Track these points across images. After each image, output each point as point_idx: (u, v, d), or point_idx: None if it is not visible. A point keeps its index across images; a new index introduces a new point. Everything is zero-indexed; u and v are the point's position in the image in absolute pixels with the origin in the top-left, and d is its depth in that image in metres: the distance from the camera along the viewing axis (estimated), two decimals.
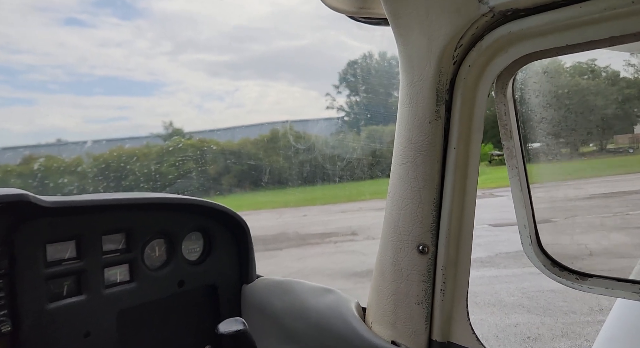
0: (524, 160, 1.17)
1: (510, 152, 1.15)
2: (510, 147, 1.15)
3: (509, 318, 5.43)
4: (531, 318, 5.38)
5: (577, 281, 1.11)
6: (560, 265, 1.15)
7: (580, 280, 1.11)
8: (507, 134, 1.14)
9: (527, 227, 1.17)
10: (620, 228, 8.54)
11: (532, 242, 1.17)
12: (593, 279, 1.09)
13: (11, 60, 33.01)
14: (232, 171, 15.57)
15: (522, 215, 1.17)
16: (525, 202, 1.16)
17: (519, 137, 1.16)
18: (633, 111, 7.38)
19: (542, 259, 1.17)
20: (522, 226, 1.17)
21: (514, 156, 1.15)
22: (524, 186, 1.16)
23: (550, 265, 1.16)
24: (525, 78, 1.30)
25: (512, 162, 1.15)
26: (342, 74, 26.99)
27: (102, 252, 1.46)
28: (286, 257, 9.65)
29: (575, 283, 1.11)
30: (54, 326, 1.34)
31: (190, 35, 46.36)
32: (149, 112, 31.93)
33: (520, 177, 1.15)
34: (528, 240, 1.17)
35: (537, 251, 1.17)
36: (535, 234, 1.18)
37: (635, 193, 10.36)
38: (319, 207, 17.23)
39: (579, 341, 4.70)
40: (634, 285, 1.02)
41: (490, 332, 5.12)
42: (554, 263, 1.16)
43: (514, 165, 1.15)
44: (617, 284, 1.05)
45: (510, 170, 1.16)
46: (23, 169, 10.18)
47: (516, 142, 1.15)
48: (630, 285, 1.03)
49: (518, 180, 1.15)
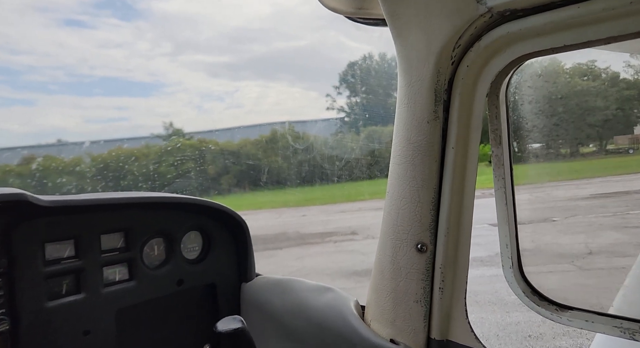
0: (512, 171, 1.13)
1: (498, 160, 1.12)
2: (499, 154, 1.12)
3: (510, 317, 5.44)
4: (532, 316, 5.38)
5: (556, 312, 1.08)
6: (540, 294, 1.12)
7: (560, 311, 1.08)
8: (496, 139, 1.12)
9: (509, 248, 1.13)
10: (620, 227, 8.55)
11: (512, 265, 1.13)
12: (572, 311, 1.07)
13: (11, 61, 32.98)
14: (231, 171, 15.58)
15: (504, 232, 1.13)
16: (509, 218, 1.12)
17: (509, 145, 1.13)
18: (633, 112, 7.38)
19: (522, 286, 1.13)
20: (504, 245, 1.13)
21: (502, 165, 1.11)
22: (509, 200, 1.12)
23: (530, 293, 1.13)
24: (520, 81, 1.29)
25: (499, 171, 1.12)
26: (342, 75, 27.00)
27: (101, 251, 1.46)
28: (286, 257, 9.65)
29: (554, 314, 1.08)
30: (52, 324, 1.34)
31: (190, 36, 46.34)
32: (148, 112, 31.93)
33: (506, 189, 1.12)
34: (509, 262, 1.13)
35: (518, 277, 1.14)
36: (517, 257, 1.14)
37: (635, 193, 10.37)
38: (318, 207, 17.23)
39: (580, 340, 4.71)
40: (614, 320, 1.00)
41: (491, 331, 5.12)
42: (534, 291, 1.13)
43: (500, 176, 1.12)
44: (597, 318, 1.02)
45: (496, 181, 1.12)
46: (22, 169, 10.17)
47: (505, 150, 1.12)
48: (611, 319, 1.00)
49: (504, 192, 1.12)
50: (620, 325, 0.98)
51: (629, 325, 0.97)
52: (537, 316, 1.10)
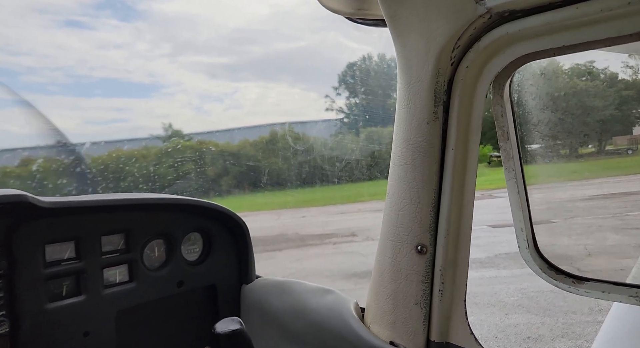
0: (521, 162, 1.16)
1: (507, 153, 1.15)
2: (508, 148, 1.15)
3: (509, 319, 5.43)
4: (531, 318, 5.38)
5: (573, 285, 1.11)
6: (557, 268, 1.15)
7: (577, 283, 1.10)
8: (504, 135, 1.14)
9: (524, 231, 1.16)
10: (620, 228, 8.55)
11: (528, 246, 1.17)
12: (590, 283, 1.09)
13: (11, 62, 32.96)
14: (231, 172, 15.57)
15: (518, 218, 1.16)
16: (522, 204, 1.16)
17: (517, 139, 1.16)
18: (631, 112, 7.39)
19: (539, 263, 1.16)
20: (519, 229, 1.17)
21: (511, 158, 1.15)
22: (520, 188, 1.16)
23: (547, 269, 1.16)
24: (522, 80, 1.30)
25: (509, 164, 1.15)
26: (341, 76, 27.02)
27: (101, 252, 1.46)
28: (285, 258, 9.65)
29: (571, 287, 1.11)
30: (53, 326, 1.34)
31: (190, 37, 46.37)
32: (148, 113, 31.91)
33: (517, 179, 1.15)
34: (525, 243, 1.17)
35: (534, 254, 1.17)
36: (532, 237, 1.18)
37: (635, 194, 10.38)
38: (317, 208, 17.24)
39: (579, 341, 4.70)
40: (631, 289, 1.02)
41: (490, 333, 5.12)
42: (551, 266, 1.16)
43: (510, 167, 1.15)
44: (613, 288, 1.04)
45: (507, 172, 1.16)
46: (22, 170, 10.17)
47: (513, 144, 1.15)
48: (627, 288, 1.02)
49: (515, 182, 1.15)
50: (636, 294, 1.01)
51: None
52: (536, 318, 1.10)
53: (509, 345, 4.82)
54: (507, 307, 5.80)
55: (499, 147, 1.16)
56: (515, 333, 5.06)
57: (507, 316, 5.52)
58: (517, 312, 5.62)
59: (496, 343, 4.85)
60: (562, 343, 4.72)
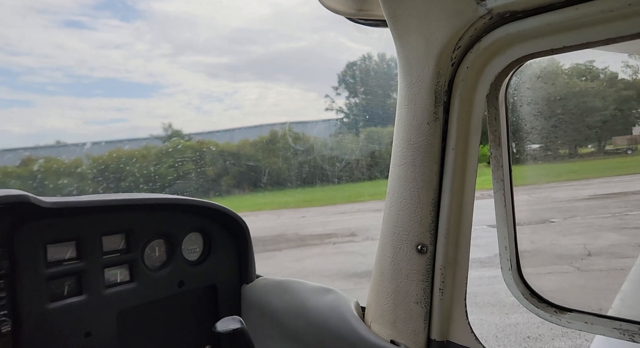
0: (511, 172, 1.13)
1: (497, 161, 1.12)
2: (498, 156, 1.12)
3: (509, 318, 5.44)
4: (531, 318, 5.38)
5: (555, 314, 1.09)
6: (539, 296, 1.13)
7: (559, 313, 1.09)
8: (495, 141, 1.12)
9: (508, 250, 1.13)
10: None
11: (511, 267, 1.14)
12: (572, 313, 1.07)
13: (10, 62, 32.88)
14: (231, 172, 15.56)
15: (503, 234, 1.13)
16: (507, 220, 1.13)
17: (508, 146, 1.14)
18: (631, 112, 7.39)
19: (521, 288, 1.14)
20: (503, 248, 1.14)
21: (501, 166, 1.12)
22: (508, 202, 1.13)
23: (529, 295, 1.13)
24: (520, 83, 1.30)
25: (497, 173, 1.12)
26: (341, 76, 26.98)
27: (102, 252, 1.47)
28: (285, 258, 9.65)
29: (553, 317, 1.09)
30: (54, 326, 1.35)
31: (190, 37, 46.29)
32: (148, 113, 31.83)
33: (505, 191, 1.12)
34: (508, 264, 1.14)
35: (517, 279, 1.14)
36: (515, 258, 1.15)
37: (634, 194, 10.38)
38: (317, 208, 17.23)
39: (579, 341, 4.71)
40: (614, 322, 1.01)
41: (490, 332, 5.12)
42: (533, 293, 1.14)
43: (499, 177, 1.12)
44: (596, 320, 1.03)
45: (495, 182, 1.13)
46: (22, 171, 10.17)
47: (504, 151, 1.12)
48: (610, 321, 1.01)
49: (502, 194, 1.12)
50: (620, 327, 0.99)
51: (628, 326, 0.98)
52: (536, 317, 1.10)
53: (509, 344, 4.82)
54: (507, 306, 5.80)
55: None
56: (515, 332, 5.06)
57: (507, 316, 5.53)
58: (517, 311, 5.62)
59: (496, 343, 4.86)
60: (562, 342, 4.73)
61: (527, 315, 5.45)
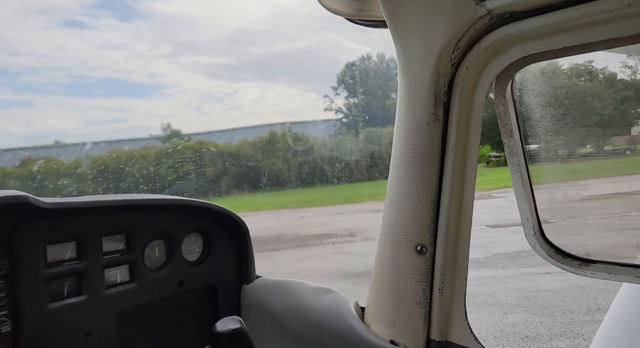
0: (525, 157, 1.18)
1: (511, 149, 1.16)
2: (511, 145, 1.16)
3: (507, 318, 5.45)
4: (529, 317, 5.39)
5: (580, 267, 1.13)
6: (564, 252, 1.17)
7: (584, 266, 1.12)
8: (507, 132, 1.15)
9: (530, 220, 1.18)
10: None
11: (535, 233, 1.18)
12: (596, 265, 1.10)
13: (10, 63, 32.86)
14: (230, 173, 15.57)
15: (524, 208, 1.18)
16: (527, 196, 1.17)
17: (520, 136, 1.17)
18: (630, 112, 7.40)
19: (546, 248, 1.18)
20: (525, 219, 1.18)
21: (515, 154, 1.16)
22: (525, 182, 1.17)
23: (553, 253, 1.17)
24: (524, 79, 1.32)
25: (513, 159, 1.17)
26: (340, 76, 26.99)
27: (102, 253, 1.47)
28: (284, 258, 9.65)
29: (578, 269, 1.13)
30: (54, 326, 1.35)
31: (190, 38, 46.31)
32: (148, 114, 31.84)
33: (522, 173, 1.17)
34: (531, 231, 1.19)
35: (541, 241, 1.19)
36: (538, 226, 1.19)
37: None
38: (317, 209, 17.24)
39: (577, 340, 4.72)
40: (637, 270, 1.03)
41: (488, 332, 5.13)
42: (557, 251, 1.17)
43: (515, 163, 1.17)
44: (620, 269, 1.06)
45: (511, 167, 1.17)
46: (22, 171, 10.16)
47: (517, 140, 1.16)
48: (633, 269, 1.04)
49: (520, 176, 1.17)
50: None
51: None
52: (534, 317, 1.11)
53: (507, 344, 4.83)
54: (505, 306, 5.81)
55: (497, 147, 1.17)
56: (514, 332, 5.07)
57: (506, 315, 5.54)
58: (515, 311, 5.63)
59: (495, 343, 4.86)
60: (560, 342, 4.73)
61: (525, 315, 5.46)
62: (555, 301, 5.80)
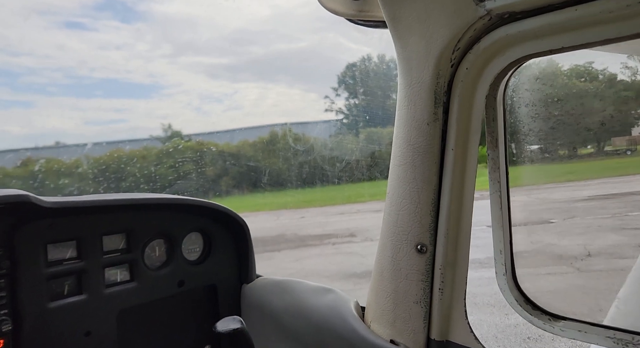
0: (507, 174, 1.13)
1: (494, 163, 1.12)
2: (495, 157, 1.12)
3: (509, 319, 5.44)
4: None
5: (549, 322, 1.09)
6: (533, 303, 1.13)
7: (553, 321, 1.09)
8: (493, 142, 1.12)
9: (503, 254, 1.13)
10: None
11: (506, 272, 1.13)
12: (566, 322, 1.07)
13: (11, 63, 32.87)
14: (230, 173, 15.56)
15: (499, 238, 1.13)
16: (503, 223, 1.13)
17: (505, 148, 1.14)
18: (630, 113, 7.40)
19: (516, 294, 1.14)
20: (498, 251, 1.13)
21: (497, 168, 1.12)
22: (504, 204, 1.12)
23: (523, 302, 1.13)
24: (518, 84, 1.29)
25: (494, 175, 1.12)
26: (340, 77, 26.97)
27: (102, 252, 1.47)
28: (284, 258, 9.65)
29: (546, 324, 1.09)
30: (54, 325, 1.35)
31: (190, 38, 46.28)
32: (148, 114, 31.84)
33: (501, 193, 1.12)
34: (502, 269, 1.13)
35: (511, 284, 1.14)
36: (510, 263, 1.15)
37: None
38: (317, 209, 17.23)
39: (578, 341, 4.70)
40: (608, 330, 1.00)
41: (489, 333, 5.12)
42: (527, 300, 1.13)
43: (496, 179, 1.12)
44: (590, 328, 1.03)
45: (491, 184, 1.13)
46: (23, 171, 10.18)
47: (501, 153, 1.13)
48: (604, 330, 1.01)
49: (499, 196, 1.12)
50: (614, 336, 0.99)
51: (622, 335, 0.98)
52: None
53: (509, 345, 4.82)
54: (506, 307, 5.78)
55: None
56: (515, 333, 5.06)
57: (507, 316, 5.53)
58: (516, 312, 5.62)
59: (496, 344, 4.86)
60: (562, 343, 4.73)
61: None
62: (557, 302, 5.79)
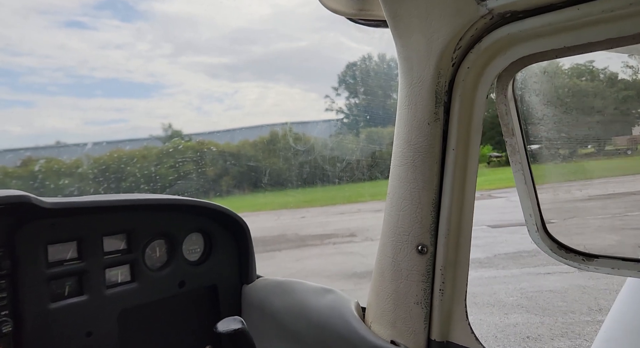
0: (527, 155, 1.18)
1: (513, 148, 1.17)
2: (513, 143, 1.16)
3: (508, 319, 5.44)
4: (530, 318, 5.39)
5: (583, 262, 1.13)
6: (567, 247, 1.17)
7: (587, 261, 1.12)
8: (508, 131, 1.16)
9: (533, 216, 1.19)
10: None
11: (538, 229, 1.19)
12: (599, 260, 1.11)
13: (11, 63, 32.90)
14: (231, 173, 15.58)
15: (527, 205, 1.18)
16: (530, 193, 1.18)
17: (522, 134, 1.18)
18: (631, 112, 7.39)
19: (549, 243, 1.19)
20: (528, 215, 1.19)
21: (517, 152, 1.17)
22: (528, 179, 1.18)
23: (556, 248, 1.18)
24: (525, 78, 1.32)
25: (515, 157, 1.17)
26: (341, 76, 27.02)
27: (103, 252, 1.47)
28: (285, 258, 9.65)
29: (582, 264, 1.13)
30: (55, 326, 1.35)
31: (190, 38, 46.33)
32: (148, 114, 31.88)
33: (524, 171, 1.17)
34: (534, 227, 1.19)
35: (544, 236, 1.19)
36: (541, 222, 1.20)
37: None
38: (317, 209, 17.24)
39: (578, 341, 4.71)
40: (639, 264, 1.04)
41: (489, 332, 5.13)
42: (560, 246, 1.18)
43: (517, 161, 1.17)
44: (623, 264, 1.06)
45: (514, 165, 1.18)
46: (23, 171, 10.18)
47: (518, 139, 1.17)
48: (636, 264, 1.04)
49: (522, 174, 1.17)
50: None
51: None
52: (535, 318, 1.11)
53: (508, 344, 4.82)
54: (506, 306, 5.81)
55: (498, 147, 1.18)
56: (515, 333, 5.06)
57: (507, 316, 5.53)
58: (516, 311, 5.62)
59: (496, 343, 4.86)
60: (562, 342, 4.73)
61: (526, 315, 5.46)
62: (556, 301, 5.79)
